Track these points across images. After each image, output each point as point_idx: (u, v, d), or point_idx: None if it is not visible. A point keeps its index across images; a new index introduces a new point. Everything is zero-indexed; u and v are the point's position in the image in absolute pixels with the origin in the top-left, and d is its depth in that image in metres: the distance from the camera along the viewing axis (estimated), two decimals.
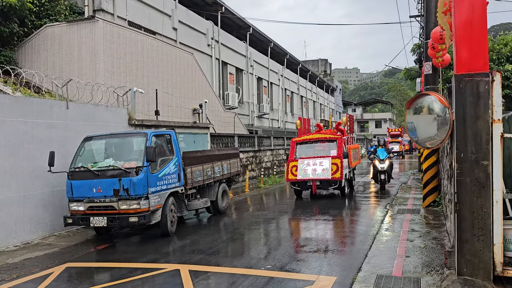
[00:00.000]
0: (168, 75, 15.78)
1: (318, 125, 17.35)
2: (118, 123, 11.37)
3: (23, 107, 8.95)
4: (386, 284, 5.45)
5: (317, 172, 13.26)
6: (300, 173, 13.45)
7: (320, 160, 13.47)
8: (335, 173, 13.10)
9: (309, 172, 13.36)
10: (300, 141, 14.62)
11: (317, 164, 13.38)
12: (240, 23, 26.73)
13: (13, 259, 7.61)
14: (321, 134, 14.87)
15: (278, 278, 5.98)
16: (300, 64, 40.21)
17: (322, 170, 13.22)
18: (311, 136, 14.85)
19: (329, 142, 14.37)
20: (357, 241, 8.14)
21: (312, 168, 13.37)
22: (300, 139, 14.79)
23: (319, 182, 13.33)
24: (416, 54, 20.81)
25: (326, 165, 13.24)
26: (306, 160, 13.64)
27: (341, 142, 14.07)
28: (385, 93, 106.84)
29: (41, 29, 13.30)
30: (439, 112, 5.70)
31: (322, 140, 14.48)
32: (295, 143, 14.55)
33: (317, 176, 13.24)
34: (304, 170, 13.44)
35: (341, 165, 13.18)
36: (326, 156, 13.65)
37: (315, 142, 14.57)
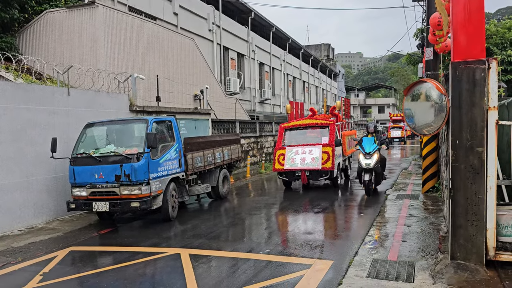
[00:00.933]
0: (169, 61, 15.77)
1: (311, 109, 15.70)
2: (119, 109, 11.44)
3: (25, 93, 9.03)
4: (381, 267, 5.58)
5: (306, 162, 12.26)
6: (288, 163, 12.45)
7: (309, 148, 12.44)
8: (325, 162, 12.05)
9: (298, 161, 12.34)
10: (289, 127, 13.57)
11: (306, 152, 12.38)
12: (241, 7, 26.52)
13: (18, 243, 7.79)
14: (312, 120, 13.67)
15: (276, 262, 6.11)
16: (302, 49, 39.96)
17: (311, 159, 12.20)
18: (301, 122, 13.64)
19: (321, 128, 13.32)
20: (354, 226, 8.26)
21: (301, 157, 12.36)
22: (289, 124, 13.71)
23: (308, 173, 12.30)
24: (418, 39, 20.66)
25: (316, 154, 12.20)
26: (294, 148, 12.63)
27: (333, 128, 13.00)
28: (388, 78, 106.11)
29: (42, 15, 13.28)
30: (436, 99, 5.75)
31: (313, 126, 13.39)
32: (284, 129, 13.53)
33: (306, 166, 12.23)
34: (292, 159, 12.42)
35: (332, 153, 12.14)
36: (317, 143, 12.59)
37: (305, 128, 13.49)
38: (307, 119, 13.94)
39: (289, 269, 5.79)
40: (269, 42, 31.22)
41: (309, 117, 14.44)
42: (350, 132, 16.19)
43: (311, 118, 13.91)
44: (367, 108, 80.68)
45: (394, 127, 42.65)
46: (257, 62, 28.83)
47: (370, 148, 11.17)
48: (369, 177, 11.10)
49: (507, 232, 5.22)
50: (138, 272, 5.96)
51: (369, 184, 11.16)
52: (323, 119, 13.52)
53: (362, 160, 11.18)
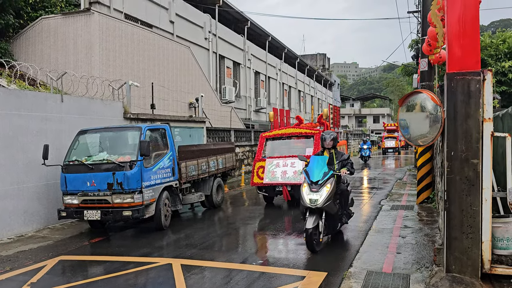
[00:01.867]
0: (164, 69, 15.74)
1: (297, 118, 14.50)
2: (113, 116, 11.36)
3: (17, 99, 8.93)
4: (376, 280, 5.50)
5: (287, 175, 11.02)
6: (267, 176, 11.25)
7: (292, 161, 11.17)
8: None
9: (278, 175, 11.14)
10: (270, 137, 12.37)
11: (288, 165, 11.14)
12: (238, 16, 26.62)
13: (7, 252, 7.64)
14: (296, 129, 12.39)
15: (270, 273, 6.02)
16: (298, 58, 40.12)
17: (293, 172, 10.95)
18: (284, 131, 12.39)
19: (305, 138, 12.09)
20: (349, 237, 8.18)
21: (282, 170, 11.15)
22: (270, 134, 12.50)
23: (290, 188, 11.01)
24: (413, 50, 20.81)
25: (299, 167, 10.74)
26: (275, 160, 11.45)
27: (318, 138, 11.47)
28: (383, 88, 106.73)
29: (37, 21, 13.23)
30: (431, 110, 5.74)
31: (297, 136, 12.20)
32: (264, 139, 12.33)
33: (287, 180, 10.98)
34: (272, 172, 11.24)
35: None
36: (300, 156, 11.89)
37: (288, 138, 12.30)
38: (291, 128, 12.72)
39: (282, 280, 5.70)
40: (265, 51, 31.31)
41: (294, 126, 13.21)
42: (340, 143, 14.72)
43: (295, 127, 12.69)
44: (362, 118, 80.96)
45: (388, 137, 42.27)
46: (253, 71, 28.88)
47: (319, 174, 7.00)
48: (314, 223, 6.69)
49: (503, 245, 5.17)
50: (128, 283, 5.84)
51: (314, 235, 6.69)
52: (307, 128, 12.33)
53: (305, 195, 6.90)
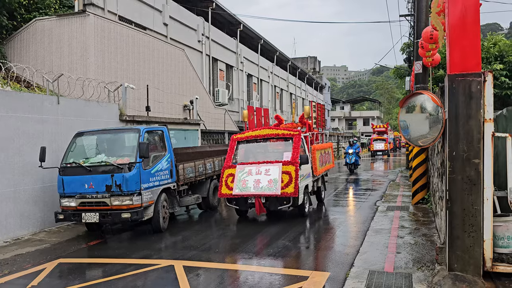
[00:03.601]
0: (159, 71, 15.70)
1: (277, 117, 12.83)
2: (109, 118, 11.31)
3: (13, 101, 8.85)
4: (379, 279, 5.55)
5: (261, 185, 9.35)
6: (238, 186, 9.52)
7: (266, 167, 9.55)
8: (286, 186, 9.18)
9: (250, 184, 9.42)
10: (242, 139, 10.58)
11: (262, 172, 9.50)
12: (230, 19, 26.66)
13: (4, 255, 7.55)
14: (272, 130, 10.57)
15: (273, 273, 6.05)
16: (289, 61, 40.28)
17: (268, 181, 9.32)
18: (258, 132, 10.56)
19: (283, 141, 10.53)
20: (348, 237, 8.25)
21: (255, 178, 9.46)
22: (242, 135, 10.69)
23: (264, 199, 9.40)
24: (405, 53, 21.05)
25: (275, 175, 9.34)
26: (247, 167, 9.73)
27: (298, 140, 10.08)
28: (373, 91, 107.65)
29: (31, 23, 13.11)
30: (431, 111, 5.82)
31: (273, 138, 10.57)
32: (235, 142, 10.56)
33: (260, 191, 9.30)
34: (243, 182, 9.51)
35: (296, 174, 9.31)
36: (276, 161, 9.69)
37: (263, 140, 10.67)
38: (266, 129, 10.86)
39: (286, 281, 5.72)
40: (257, 54, 31.39)
41: (272, 127, 11.32)
42: (325, 145, 13.18)
43: (271, 128, 10.89)
44: (352, 121, 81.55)
45: (377, 139, 40.38)
46: (245, 73, 28.93)
47: None
48: None
49: (503, 243, 5.26)
50: (131, 285, 5.81)
51: None
52: (286, 129, 10.58)
53: None
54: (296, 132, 10.35)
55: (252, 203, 9.54)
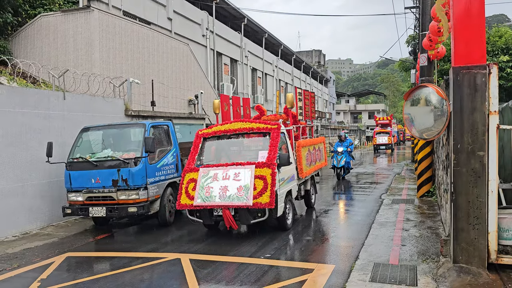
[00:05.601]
0: (163, 66, 15.73)
1: (258, 108, 10.85)
2: (114, 113, 11.37)
3: (20, 97, 8.92)
4: (384, 271, 5.58)
5: (228, 193, 7.42)
6: (200, 195, 7.59)
7: (235, 171, 7.66)
8: (260, 194, 7.25)
9: (216, 192, 7.52)
10: (209, 135, 8.66)
11: (231, 177, 7.59)
12: (235, 13, 26.58)
13: (13, 249, 7.65)
14: (245, 123, 8.56)
15: (278, 266, 6.10)
16: (294, 55, 40.17)
17: (237, 189, 7.42)
18: (228, 126, 8.58)
19: (258, 137, 8.74)
20: (353, 230, 8.28)
21: (222, 184, 7.55)
22: (209, 131, 8.73)
23: (234, 211, 7.49)
24: (410, 45, 20.92)
25: (245, 180, 7.47)
26: (212, 170, 7.82)
27: (277, 136, 8.07)
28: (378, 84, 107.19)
29: (36, 19, 13.16)
30: (436, 104, 5.82)
31: (246, 133, 8.53)
32: (201, 139, 8.65)
33: (228, 201, 7.37)
34: (207, 189, 7.61)
35: (272, 179, 7.38)
36: (248, 162, 7.75)
37: (235, 136, 8.66)
38: (239, 122, 8.71)
39: (291, 273, 5.77)
40: (261, 48, 31.32)
41: (249, 120, 8.94)
42: (314, 140, 10.94)
43: (244, 121, 8.73)
44: (358, 114, 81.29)
45: (380, 132, 37.54)
46: (250, 67, 28.89)
47: None
48: None
49: (508, 236, 5.27)
50: (139, 278, 5.89)
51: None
52: (262, 122, 8.53)
53: None
54: (274, 125, 8.28)
55: (219, 215, 7.56)
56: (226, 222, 7.52)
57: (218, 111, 10.01)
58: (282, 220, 8.11)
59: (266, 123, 8.43)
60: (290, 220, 8.39)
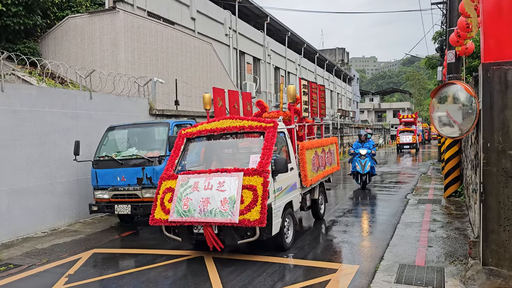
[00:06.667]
0: (187, 65, 15.88)
1: (259, 103, 9.62)
2: (139, 113, 11.54)
3: (49, 97, 9.17)
4: (409, 273, 5.47)
5: (210, 207, 6.05)
6: (178, 208, 6.25)
7: (220, 179, 6.27)
8: (248, 209, 5.89)
9: (195, 205, 6.15)
10: (194, 135, 7.29)
11: (213, 186, 6.22)
12: (257, 12, 26.60)
13: (42, 245, 7.87)
14: (236, 121, 7.06)
15: (301, 266, 6.06)
16: (317, 53, 39.89)
17: (221, 202, 6.05)
18: (216, 125, 7.13)
19: (251, 137, 7.31)
20: (377, 230, 8.15)
21: (203, 196, 6.18)
22: (193, 130, 7.34)
23: (217, 229, 6.14)
24: (437, 42, 20.44)
25: (231, 191, 6.09)
26: (192, 178, 6.45)
27: (272, 137, 6.65)
28: (403, 82, 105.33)
29: (64, 21, 13.51)
30: (464, 102, 5.66)
31: (236, 133, 7.08)
32: (184, 139, 7.32)
33: (209, 217, 6.00)
34: (185, 201, 6.25)
35: (263, 190, 6.00)
36: (235, 169, 6.35)
37: (223, 136, 7.22)
38: (228, 119, 7.19)
39: (315, 273, 5.73)
40: (284, 47, 31.23)
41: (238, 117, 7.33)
42: (324, 141, 9.39)
43: (235, 119, 7.15)
44: (382, 113, 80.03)
45: (404, 131, 35.18)
46: (272, 66, 28.85)
47: None
48: None
49: None
50: (163, 275, 5.96)
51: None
52: (256, 120, 7.02)
53: None
54: (269, 123, 6.85)
55: (200, 233, 6.28)
56: (209, 242, 6.21)
57: (209, 107, 8.86)
58: (279, 238, 6.66)
59: (260, 121, 6.97)
60: (290, 237, 7.03)
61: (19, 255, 7.27)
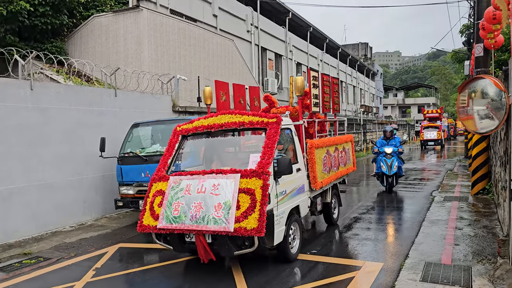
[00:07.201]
0: (209, 62, 15.97)
1: (267, 97, 8.90)
2: (162, 110, 11.69)
3: (75, 95, 9.39)
4: (435, 271, 5.37)
5: (203, 213, 5.45)
6: (167, 213, 5.65)
7: (214, 181, 5.65)
8: (245, 216, 5.24)
9: (186, 210, 5.56)
10: (189, 131, 6.62)
11: (207, 190, 5.60)
12: (279, 8, 26.46)
13: (70, 239, 8.09)
14: (235, 116, 6.27)
15: (325, 262, 6.03)
16: (340, 48, 39.44)
17: (215, 207, 5.43)
18: (213, 121, 6.39)
19: (253, 134, 6.92)
20: (402, 228, 8.03)
21: (195, 200, 5.58)
22: (188, 126, 6.65)
23: (211, 238, 5.52)
24: (464, 35, 19.90)
25: (226, 195, 5.48)
26: (185, 180, 5.84)
27: (275, 134, 5.94)
28: (428, 77, 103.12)
29: (89, 20, 13.78)
30: (493, 96, 5.51)
31: (236, 129, 6.52)
32: (178, 136, 6.67)
33: (201, 225, 5.38)
34: (176, 206, 5.65)
35: (263, 195, 5.34)
36: (231, 170, 5.71)
37: (221, 133, 6.72)
38: (226, 114, 6.38)
39: (338, 270, 5.69)
40: (306, 42, 31.00)
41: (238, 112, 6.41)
42: (337, 139, 8.48)
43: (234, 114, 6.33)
44: (406, 108, 78.62)
45: (428, 127, 33.51)
46: (294, 62, 28.70)
47: None
48: None
49: None
50: (186, 270, 6.04)
51: None
52: (258, 115, 6.24)
53: None
54: (272, 119, 6.12)
55: (193, 242, 5.64)
56: (200, 253, 5.57)
57: (210, 102, 8.21)
58: (283, 248, 5.95)
59: (262, 116, 6.20)
60: (296, 247, 6.28)
61: (48, 248, 7.49)
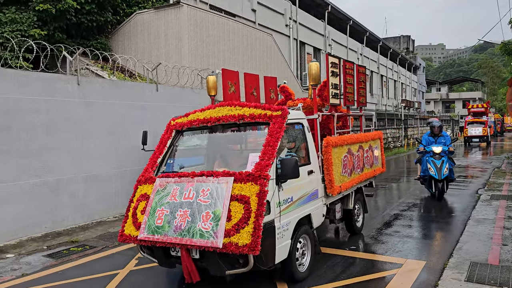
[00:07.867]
0: (248, 57, 16.03)
1: (283, 88, 8.15)
2: (202, 104, 11.75)
3: (119, 90, 9.69)
4: (481, 271, 5.17)
5: (188, 224, 4.49)
6: (150, 223, 4.76)
7: (203, 186, 4.69)
8: (235, 230, 4.24)
9: (171, 220, 4.64)
10: (184, 125, 5.84)
11: (195, 196, 4.65)
12: (318, 1, 26.15)
13: (114, 229, 8.39)
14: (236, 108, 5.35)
15: (364, 259, 5.95)
16: (380, 41, 38.49)
17: (202, 217, 4.45)
18: (210, 114, 5.56)
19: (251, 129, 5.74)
20: (445, 227, 7.77)
21: (181, 207, 4.66)
22: (183, 120, 5.88)
23: (198, 254, 4.55)
24: None
25: (216, 203, 4.48)
26: (171, 184, 4.97)
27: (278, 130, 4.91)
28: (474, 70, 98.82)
29: (132, 17, 14.16)
30: None
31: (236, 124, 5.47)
32: (172, 132, 5.92)
33: (185, 237, 4.44)
34: (160, 214, 4.76)
35: (258, 204, 4.31)
36: (223, 173, 4.71)
37: (220, 128, 5.71)
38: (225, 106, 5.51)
39: (378, 267, 5.60)
40: (346, 36, 30.46)
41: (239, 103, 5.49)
42: (362, 137, 7.34)
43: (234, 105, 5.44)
44: (450, 103, 75.73)
45: (472, 122, 31.49)
46: None
47: None
48: None
49: None
50: None
51: None
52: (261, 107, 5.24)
53: None
54: (276, 111, 5.14)
55: (179, 257, 4.69)
56: (184, 270, 4.64)
57: (214, 92, 7.30)
58: (288, 266, 4.94)
59: (265, 108, 5.20)
60: (306, 265, 5.28)
61: (93, 237, 7.81)
